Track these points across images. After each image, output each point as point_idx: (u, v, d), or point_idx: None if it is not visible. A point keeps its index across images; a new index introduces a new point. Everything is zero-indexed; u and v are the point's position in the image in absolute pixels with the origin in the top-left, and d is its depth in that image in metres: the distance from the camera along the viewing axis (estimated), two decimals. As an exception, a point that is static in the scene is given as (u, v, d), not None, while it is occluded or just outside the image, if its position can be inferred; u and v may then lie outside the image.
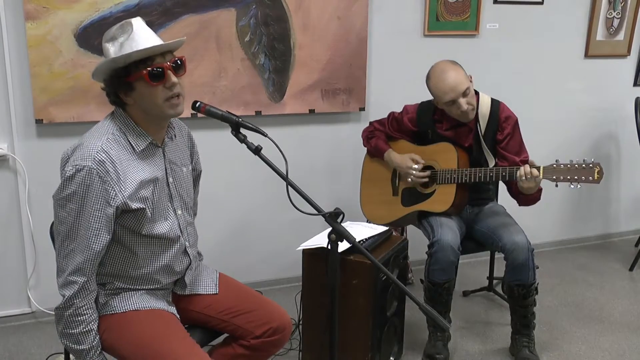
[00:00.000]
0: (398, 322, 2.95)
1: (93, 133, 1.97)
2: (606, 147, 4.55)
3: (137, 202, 1.94)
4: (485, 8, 3.90)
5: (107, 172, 1.88)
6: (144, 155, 2.00)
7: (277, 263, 3.83)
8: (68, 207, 1.88)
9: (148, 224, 2.00)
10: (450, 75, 2.89)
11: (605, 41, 4.27)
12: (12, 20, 3.02)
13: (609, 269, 4.24)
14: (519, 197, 3.00)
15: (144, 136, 1.99)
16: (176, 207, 2.12)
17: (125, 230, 1.99)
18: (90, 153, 1.87)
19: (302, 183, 1.99)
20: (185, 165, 2.20)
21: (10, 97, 3.10)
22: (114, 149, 1.92)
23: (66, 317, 1.93)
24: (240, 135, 1.97)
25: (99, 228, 1.90)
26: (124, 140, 1.96)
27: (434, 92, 2.97)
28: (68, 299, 1.91)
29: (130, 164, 1.95)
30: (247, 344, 2.19)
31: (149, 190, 1.99)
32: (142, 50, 1.87)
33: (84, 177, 1.85)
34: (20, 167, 3.20)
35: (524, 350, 2.98)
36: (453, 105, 2.92)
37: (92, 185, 1.86)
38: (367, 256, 1.92)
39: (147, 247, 2.04)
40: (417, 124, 3.18)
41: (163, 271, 2.10)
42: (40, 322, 3.38)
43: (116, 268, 2.04)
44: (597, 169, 2.70)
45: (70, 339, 1.95)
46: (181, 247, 2.13)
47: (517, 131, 3.06)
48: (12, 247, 3.30)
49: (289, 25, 3.47)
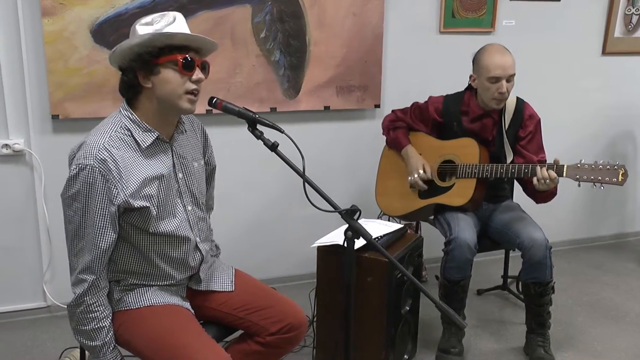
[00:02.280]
0: (412, 320, 2.94)
1: (97, 131, 1.96)
2: (622, 146, 4.51)
3: (140, 200, 1.93)
4: (502, 5, 3.87)
5: (110, 170, 1.87)
6: (150, 151, 1.99)
7: (291, 260, 3.83)
8: (74, 206, 1.89)
9: (154, 222, 1.99)
10: (506, 56, 2.94)
11: (624, 38, 4.23)
12: (29, 16, 3.04)
13: (624, 268, 4.21)
14: (535, 195, 2.98)
15: (150, 131, 1.98)
16: (186, 203, 2.10)
17: (133, 228, 1.99)
18: (92, 151, 1.87)
19: (317, 180, 1.98)
20: (197, 160, 2.18)
21: (26, 92, 3.12)
22: (116, 147, 1.91)
23: (78, 314, 1.94)
24: (257, 132, 1.97)
25: (104, 226, 1.90)
26: (128, 137, 1.95)
27: (485, 63, 2.96)
28: (78, 296, 1.92)
29: (134, 162, 1.94)
30: (263, 340, 2.18)
31: (153, 187, 1.97)
32: (188, 35, 1.89)
33: (86, 175, 1.86)
34: (36, 163, 3.22)
35: (539, 349, 2.96)
36: (495, 83, 2.92)
37: (95, 184, 1.86)
38: (384, 254, 1.91)
39: (156, 244, 2.03)
40: (442, 115, 3.17)
41: (176, 267, 2.10)
42: (55, 317, 3.40)
43: (128, 265, 2.04)
44: (622, 171, 2.67)
45: (83, 335, 1.97)
46: (192, 243, 2.12)
47: (538, 131, 3.07)
48: (28, 241, 3.32)
49: (304, 22, 3.46)
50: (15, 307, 3.37)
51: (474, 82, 3.05)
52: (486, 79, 2.95)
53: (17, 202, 3.25)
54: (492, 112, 3.06)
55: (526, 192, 3.06)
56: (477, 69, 3.02)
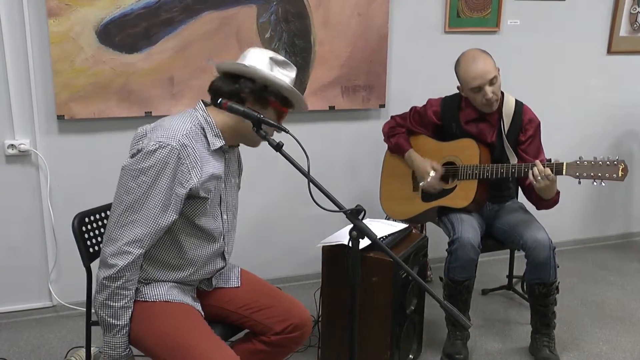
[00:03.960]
0: (417, 319, 2.94)
1: (177, 119, 2.03)
2: (628, 145, 4.50)
3: (204, 191, 2.01)
4: (507, 4, 3.87)
5: (188, 155, 1.95)
6: (215, 154, 2.07)
7: (296, 259, 3.83)
8: (140, 179, 1.91)
9: (203, 215, 2.06)
10: (479, 62, 2.91)
11: (629, 37, 4.22)
12: (35, 17, 3.05)
13: (630, 268, 4.20)
14: (538, 201, 2.98)
15: (219, 138, 2.07)
16: (223, 211, 2.16)
17: (180, 216, 2.02)
18: (176, 135, 1.94)
19: (322, 180, 1.99)
20: (234, 177, 2.26)
21: (32, 93, 3.13)
22: (194, 139, 1.99)
23: (114, 288, 1.92)
24: (262, 132, 1.98)
25: (168, 205, 1.94)
26: (202, 135, 2.03)
27: (462, 77, 2.96)
28: (121, 269, 1.90)
29: (204, 156, 2.02)
30: (267, 340, 2.20)
31: (212, 184, 2.06)
32: (302, 101, 2.14)
33: (165, 154, 1.91)
34: (42, 163, 3.23)
35: (545, 350, 2.96)
36: (479, 92, 2.92)
37: (170, 164, 1.91)
38: (389, 253, 1.91)
39: (193, 237, 2.08)
40: (441, 117, 3.17)
41: (198, 264, 2.12)
42: (61, 316, 3.41)
43: (157, 253, 2.06)
44: (622, 166, 2.66)
45: (109, 311, 1.94)
46: (220, 247, 2.17)
47: (538, 134, 3.07)
48: (34, 241, 3.33)
49: (309, 22, 3.47)
50: (21, 306, 3.39)
51: (462, 92, 3.06)
52: (469, 90, 2.95)
53: (22, 202, 3.26)
54: (488, 114, 3.05)
55: (529, 198, 3.06)
56: (459, 81, 3.02)
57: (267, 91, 2.05)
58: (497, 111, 3.04)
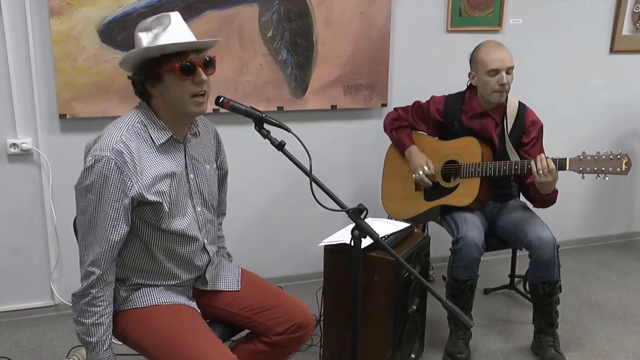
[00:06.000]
0: (419, 319, 2.94)
1: (115, 124, 1.98)
2: (630, 144, 4.49)
3: (153, 194, 1.95)
4: (509, 3, 3.86)
5: (125, 162, 1.89)
6: (164, 149, 2.01)
7: (298, 259, 3.83)
8: (88, 198, 1.90)
9: (167, 219, 2.00)
10: (502, 49, 2.98)
11: (632, 36, 4.21)
12: (37, 16, 3.05)
13: (633, 268, 4.19)
14: (535, 198, 2.98)
15: (165, 130, 2.00)
16: (196, 204, 2.11)
17: (145, 224, 2.00)
18: (109, 143, 1.89)
19: (324, 179, 1.98)
20: (209, 163, 2.19)
21: (34, 92, 3.13)
22: (132, 140, 1.93)
23: (81, 305, 1.94)
24: (264, 131, 1.97)
25: (117, 218, 1.90)
26: (144, 132, 1.97)
27: (482, 58, 2.97)
28: (86, 287, 1.92)
29: (149, 157, 1.96)
30: (269, 340, 2.18)
31: (165, 184, 1.99)
32: (179, 43, 1.88)
33: (102, 167, 1.87)
34: (44, 162, 3.23)
35: (550, 350, 2.95)
36: (495, 75, 2.93)
37: (110, 176, 1.87)
38: (391, 253, 1.90)
39: (166, 242, 2.04)
40: (443, 115, 3.17)
41: (182, 267, 2.11)
42: (63, 315, 3.41)
43: (136, 263, 2.05)
44: (625, 160, 2.65)
45: (82, 328, 1.95)
46: (200, 244, 2.13)
47: (540, 137, 3.08)
48: (36, 240, 3.33)
49: (311, 21, 3.46)
50: (23, 305, 3.39)
51: (473, 80, 3.05)
52: (485, 72, 2.95)
53: (24, 201, 3.26)
54: (492, 112, 3.05)
55: (526, 195, 3.06)
56: (474, 65, 3.03)
57: (143, 68, 1.92)
58: (500, 110, 3.04)
